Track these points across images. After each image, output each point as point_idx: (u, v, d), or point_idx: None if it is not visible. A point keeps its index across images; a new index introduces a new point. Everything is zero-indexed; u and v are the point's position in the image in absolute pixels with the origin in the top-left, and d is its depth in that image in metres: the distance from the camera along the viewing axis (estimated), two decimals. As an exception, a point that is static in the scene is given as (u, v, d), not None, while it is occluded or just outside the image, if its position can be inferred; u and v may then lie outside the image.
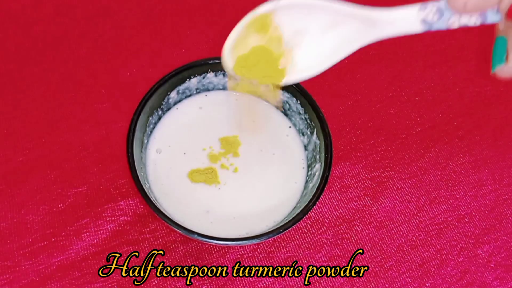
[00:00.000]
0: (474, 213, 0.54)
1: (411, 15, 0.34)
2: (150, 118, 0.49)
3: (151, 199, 0.43)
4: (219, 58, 0.44)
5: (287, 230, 0.44)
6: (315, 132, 0.48)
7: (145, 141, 0.49)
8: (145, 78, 0.57)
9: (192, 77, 0.50)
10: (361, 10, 0.36)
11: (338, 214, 0.53)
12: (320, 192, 0.44)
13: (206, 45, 0.60)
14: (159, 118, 0.51)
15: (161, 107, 0.50)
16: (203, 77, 0.50)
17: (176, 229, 0.42)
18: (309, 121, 0.49)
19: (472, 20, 0.33)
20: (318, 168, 0.47)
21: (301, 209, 0.44)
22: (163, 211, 0.43)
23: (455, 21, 0.33)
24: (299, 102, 0.50)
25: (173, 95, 0.50)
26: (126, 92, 0.57)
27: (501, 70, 0.33)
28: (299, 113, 0.50)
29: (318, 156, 0.48)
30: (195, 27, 0.61)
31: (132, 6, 0.62)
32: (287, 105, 0.51)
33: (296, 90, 0.49)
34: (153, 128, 0.50)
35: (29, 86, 0.57)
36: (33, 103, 0.56)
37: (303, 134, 0.51)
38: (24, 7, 0.61)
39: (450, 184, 0.55)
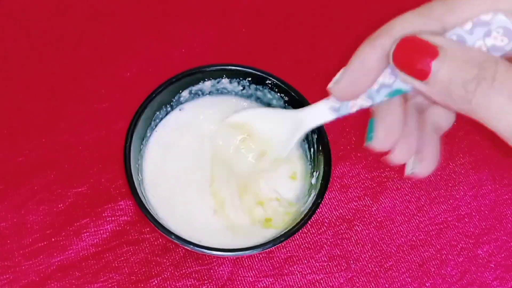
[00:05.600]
0: (474, 213, 0.54)
1: (322, 107, 0.39)
2: (157, 113, 0.49)
3: (143, 201, 0.44)
4: (235, 65, 0.49)
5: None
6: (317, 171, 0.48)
7: (148, 134, 0.49)
8: (145, 78, 0.57)
9: (206, 79, 0.50)
10: (289, 112, 0.45)
11: (338, 214, 0.53)
12: (309, 218, 0.44)
13: (206, 45, 0.60)
14: (166, 114, 0.51)
15: (171, 104, 0.50)
16: (218, 82, 0.50)
17: (173, 240, 0.43)
18: (315, 162, 0.49)
19: (366, 103, 0.36)
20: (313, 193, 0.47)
21: (284, 232, 0.44)
22: (157, 216, 0.44)
23: (353, 106, 0.37)
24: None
25: (185, 94, 0.50)
26: (126, 92, 0.57)
27: (370, 145, 0.37)
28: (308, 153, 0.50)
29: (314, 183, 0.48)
30: (195, 27, 0.61)
31: (132, 6, 0.62)
32: None
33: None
34: (159, 122, 0.50)
35: (29, 86, 0.57)
36: (33, 103, 0.56)
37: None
38: (24, 7, 0.61)
39: (450, 184, 0.55)
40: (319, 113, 0.40)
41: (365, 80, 0.33)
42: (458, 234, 0.53)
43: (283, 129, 0.45)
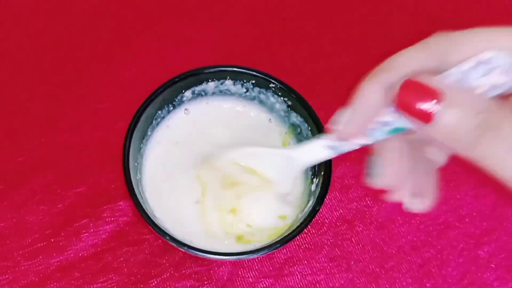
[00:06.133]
0: (475, 214, 0.54)
1: (317, 145, 0.40)
2: (159, 112, 0.49)
3: (140, 200, 0.43)
4: (239, 67, 0.49)
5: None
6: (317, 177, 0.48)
7: (149, 133, 0.49)
8: (145, 78, 0.57)
9: (210, 80, 0.50)
10: (283, 151, 0.46)
11: (338, 214, 0.53)
12: (306, 225, 0.44)
13: (206, 45, 0.60)
14: (169, 113, 0.50)
15: (173, 103, 0.50)
16: (221, 83, 0.50)
17: (173, 244, 0.42)
18: (315, 168, 0.49)
19: (366, 141, 0.35)
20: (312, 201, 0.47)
21: (279, 239, 0.44)
22: (153, 216, 0.44)
23: (354, 143, 0.36)
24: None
25: (188, 94, 0.50)
26: (126, 92, 0.57)
27: (374, 183, 0.36)
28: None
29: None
30: (195, 27, 0.61)
31: (132, 6, 0.62)
32: (298, 128, 0.51)
33: (308, 116, 0.49)
34: (160, 121, 0.50)
35: (29, 86, 0.57)
36: (33, 103, 0.56)
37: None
38: (24, 7, 0.61)
39: (451, 185, 0.55)
40: (315, 151, 0.41)
41: (369, 119, 0.33)
42: (459, 234, 0.53)
43: (281, 168, 0.45)
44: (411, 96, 0.29)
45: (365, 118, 0.33)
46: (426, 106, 0.28)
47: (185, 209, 0.47)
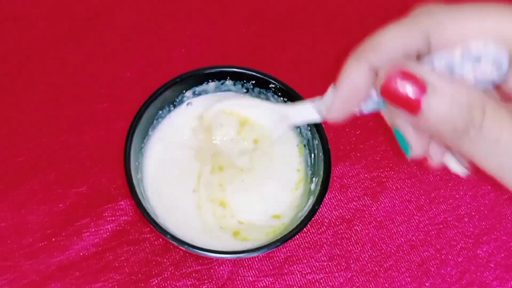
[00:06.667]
0: (473, 213, 0.54)
1: (308, 107, 0.40)
2: (160, 112, 0.49)
3: (141, 199, 0.44)
4: (240, 67, 0.49)
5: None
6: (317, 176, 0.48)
7: (150, 133, 0.49)
8: (145, 78, 0.57)
9: (210, 80, 0.50)
10: (277, 106, 0.46)
11: (338, 214, 0.53)
12: (305, 224, 0.44)
13: (206, 45, 0.60)
14: (169, 112, 0.51)
15: (174, 103, 0.50)
16: (222, 83, 0.50)
17: (172, 241, 0.43)
18: (315, 168, 0.49)
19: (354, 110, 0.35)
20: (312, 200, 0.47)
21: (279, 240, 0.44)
22: (154, 215, 0.44)
23: None
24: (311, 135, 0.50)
25: (189, 94, 0.50)
26: (126, 92, 0.57)
27: (414, 157, 0.35)
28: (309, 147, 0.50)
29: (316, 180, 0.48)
30: (195, 27, 0.61)
31: (132, 6, 0.62)
32: (298, 128, 0.51)
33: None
34: (161, 121, 0.50)
35: (29, 86, 0.57)
36: (33, 103, 0.56)
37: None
38: (24, 7, 0.61)
39: (450, 184, 0.55)
40: (307, 112, 0.41)
41: (356, 98, 0.33)
42: (457, 234, 0.53)
43: (272, 118, 0.46)
44: (396, 86, 0.28)
45: (353, 97, 0.33)
46: (412, 97, 0.28)
47: (185, 208, 0.48)
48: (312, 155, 0.49)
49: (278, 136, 0.47)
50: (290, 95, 0.49)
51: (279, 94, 0.49)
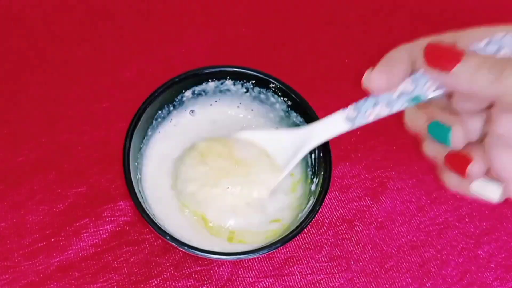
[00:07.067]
0: (474, 214, 0.54)
1: (337, 118, 0.41)
2: (160, 112, 0.49)
3: (140, 200, 0.44)
4: (239, 67, 0.49)
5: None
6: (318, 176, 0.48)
7: (149, 133, 0.49)
8: (145, 78, 0.57)
9: (210, 80, 0.50)
10: (302, 129, 0.45)
11: (338, 214, 0.53)
12: (306, 225, 0.44)
13: (206, 45, 0.60)
14: (169, 113, 0.50)
15: (173, 103, 0.50)
16: (221, 83, 0.50)
17: (170, 242, 0.43)
18: (315, 168, 0.49)
19: (383, 111, 0.38)
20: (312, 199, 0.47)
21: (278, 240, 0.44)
22: (153, 216, 0.44)
23: (370, 114, 0.38)
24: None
25: (188, 94, 0.50)
26: (126, 92, 0.57)
27: (456, 143, 0.35)
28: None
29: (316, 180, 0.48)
30: (195, 27, 0.61)
31: (132, 6, 0.62)
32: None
33: (308, 116, 0.49)
34: (160, 121, 0.50)
35: (29, 86, 0.57)
36: (33, 103, 0.56)
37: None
38: (24, 7, 0.61)
39: (451, 184, 0.55)
40: (334, 125, 0.41)
41: (399, 70, 0.35)
42: (458, 234, 0.53)
43: (289, 148, 0.46)
44: (437, 50, 0.33)
45: (397, 67, 0.35)
46: (450, 56, 0.32)
47: (184, 209, 0.47)
48: (313, 155, 0.49)
49: (289, 171, 0.47)
50: (290, 95, 0.49)
51: (279, 94, 0.49)
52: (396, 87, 0.36)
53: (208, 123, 0.51)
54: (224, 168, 0.46)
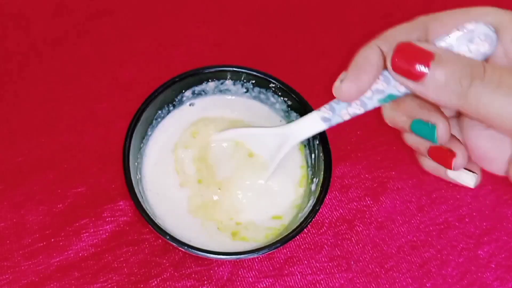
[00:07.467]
0: (474, 214, 0.54)
1: (313, 118, 0.41)
2: (159, 112, 0.49)
3: (140, 200, 0.44)
4: (239, 67, 0.49)
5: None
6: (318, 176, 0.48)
7: (149, 133, 0.49)
8: (145, 78, 0.57)
9: (210, 80, 0.50)
10: (279, 128, 0.46)
11: (338, 214, 0.53)
12: (306, 225, 0.44)
13: (206, 45, 0.60)
14: (168, 113, 0.50)
15: (173, 103, 0.50)
16: (221, 83, 0.50)
17: (171, 242, 0.43)
18: (315, 168, 0.49)
19: (358, 111, 0.38)
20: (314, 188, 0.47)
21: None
22: (153, 215, 0.44)
23: (345, 114, 0.39)
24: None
25: (188, 94, 0.50)
26: (126, 92, 0.57)
27: (441, 138, 0.36)
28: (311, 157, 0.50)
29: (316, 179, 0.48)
30: (195, 27, 0.61)
31: (132, 6, 0.62)
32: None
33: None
34: (160, 121, 0.50)
35: (29, 86, 0.57)
36: (33, 103, 0.56)
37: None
38: (24, 7, 0.61)
39: (451, 184, 0.55)
40: (310, 125, 0.42)
41: (369, 76, 0.35)
42: (458, 234, 0.53)
43: (271, 146, 0.46)
44: (404, 57, 0.32)
45: (366, 74, 0.35)
46: (418, 64, 0.31)
47: (184, 209, 0.47)
48: (313, 155, 0.49)
49: (275, 166, 0.47)
50: (290, 95, 0.49)
51: (279, 94, 0.49)
52: (367, 91, 0.36)
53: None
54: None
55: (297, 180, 0.49)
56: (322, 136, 0.47)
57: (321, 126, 0.41)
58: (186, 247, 0.42)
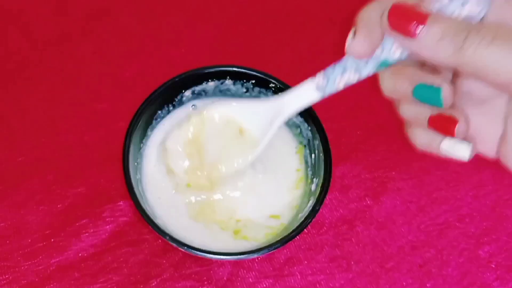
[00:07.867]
0: (475, 214, 0.54)
1: (307, 87, 0.40)
2: (159, 112, 0.49)
3: (140, 200, 0.44)
4: (239, 67, 0.49)
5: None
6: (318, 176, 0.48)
7: (149, 133, 0.49)
8: (145, 78, 0.57)
9: (210, 80, 0.50)
10: (272, 99, 0.44)
11: (338, 214, 0.53)
12: (306, 225, 0.44)
13: (206, 45, 0.60)
14: (168, 113, 0.50)
15: (173, 103, 0.50)
16: (221, 83, 0.50)
17: (171, 243, 0.43)
18: (315, 168, 0.49)
19: (353, 77, 0.38)
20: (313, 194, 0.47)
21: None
22: (153, 216, 0.44)
23: (340, 81, 0.38)
24: (312, 134, 0.49)
25: (188, 94, 0.50)
26: (126, 92, 0.57)
27: (446, 100, 0.35)
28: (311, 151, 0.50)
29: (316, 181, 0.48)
30: (195, 27, 0.61)
31: (132, 6, 0.62)
32: (298, 128, 0.51)
33: (308, 115, 0.48)
34: (160, 121, 0.50)
35: (29, 86, 0.57)
36: (33, 103, 0.56)
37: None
38: (24, 7, 0.61)
39: (451, 185, 0.55)
40: (304, 94, 0.40)
41: (378, 32, 0.35)
42: (459, 234, 0.53)
43: (263, 120, 0.45)
44: (400, 14, 0.32)
45: (374, 31, 0.35)
46: (415, 20, 0.31)
47: (184, 209, 0.47)
48: (313, 155, 0.49)
49: (266, 143, 0.45)
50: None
51: (279, 93, 0.49)
52: (379, 45, 0.35)
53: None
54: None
55: (292, 183, 0.49)
56: (322, 136, 0.47)
57: (314, 96, 0.40)
58: (185, 248, 0.42)
